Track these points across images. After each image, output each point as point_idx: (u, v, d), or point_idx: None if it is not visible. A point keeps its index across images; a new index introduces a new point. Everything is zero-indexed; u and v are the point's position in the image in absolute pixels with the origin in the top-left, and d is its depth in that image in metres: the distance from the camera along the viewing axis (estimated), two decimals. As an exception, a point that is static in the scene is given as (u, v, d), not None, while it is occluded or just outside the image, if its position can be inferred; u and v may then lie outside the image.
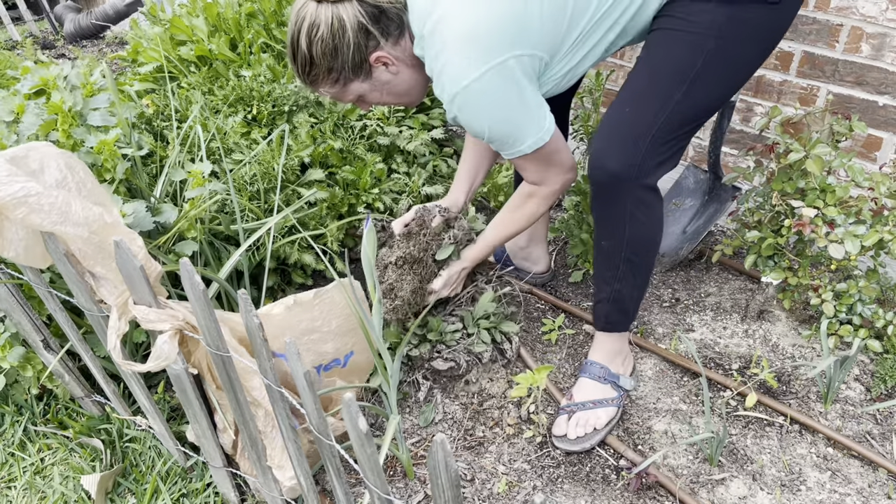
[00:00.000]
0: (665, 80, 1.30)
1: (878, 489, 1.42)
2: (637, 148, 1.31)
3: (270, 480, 1.28)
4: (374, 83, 1.39)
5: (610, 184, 1.35)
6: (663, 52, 1.32)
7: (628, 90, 1.36)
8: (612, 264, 1.47)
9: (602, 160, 1.33)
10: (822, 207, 1.58)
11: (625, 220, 1.39)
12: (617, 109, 1.36)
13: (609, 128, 1.35)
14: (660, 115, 1.30)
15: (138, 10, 4.20)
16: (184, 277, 0.99)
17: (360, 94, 1.41)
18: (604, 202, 1.40)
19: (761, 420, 1.58)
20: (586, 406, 1.56)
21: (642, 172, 1.33)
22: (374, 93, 1.42)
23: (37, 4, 4.82)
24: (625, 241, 1.42)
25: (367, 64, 1.34)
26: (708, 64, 1.27)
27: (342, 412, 0.80)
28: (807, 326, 1.83)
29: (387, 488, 0.87)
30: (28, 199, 1.03)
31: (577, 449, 1.52)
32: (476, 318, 1.69)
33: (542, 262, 2.01)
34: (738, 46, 1.28)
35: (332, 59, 1.32)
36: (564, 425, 1.55)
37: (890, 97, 1.81)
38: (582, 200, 2.02)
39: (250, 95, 2.02)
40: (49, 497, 1.51)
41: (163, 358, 1.12)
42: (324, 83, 1.37)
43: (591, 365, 1.61)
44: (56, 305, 1.37)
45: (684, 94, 1.29)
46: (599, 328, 1.61)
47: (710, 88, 1.32)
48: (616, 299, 1.52)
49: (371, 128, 2.12)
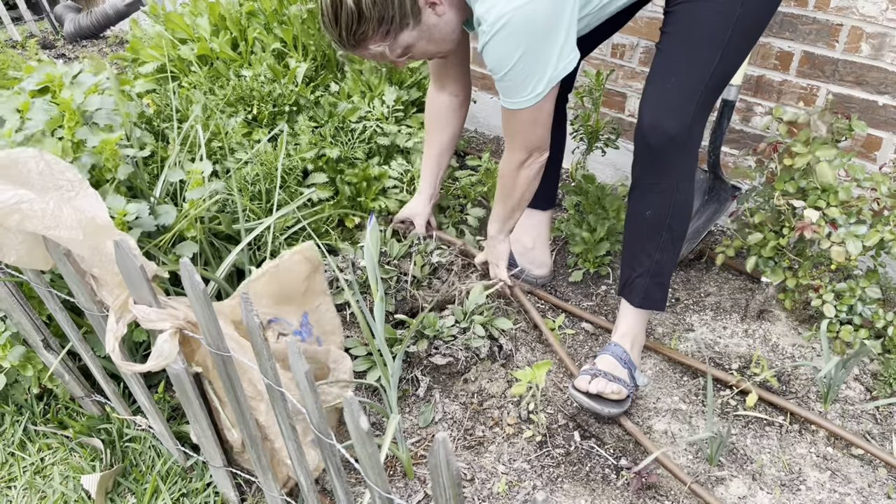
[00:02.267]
0: (703, 49, 1.37)
1: (878, 489, 1.42)
2: (687, 111, 1.38)
3: (270, 480, 1.28)
4: (422, 29, 1.36)
5: (667, 146, 1.40)
6: (697, 23, 1.38)
7: (669, 60, 1.42)
8: (655, 234, 1.51)
9: (659, 124, 1.39)
10: (824, 207, 1.58)
11: (673, 188, 1.46)
12: (661, 78, 1.41)
13: (659, 94, 1.41)
14: (703, 81, 1.38)
15: (139, 10, 4.20)
16: (184, 277, 0.99)
17: (408, 44, 1.38)
18: (656, 169, 1.45)
19: (761, 420, 1.58)
20: (608, 376, 1.54)
21: (692, 135, 1.41)
22: (421, 41, 1.40)
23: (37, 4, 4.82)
24: (670, 209, 1.47)
25: (416, 8, 1.32)
26: (736, 30, 1.36)
27: (344, 412, 0.80)
28: (807, 326, 1.83)
29: (388, 487, 0.87)
30: (21, 206, 1.04)
31: (596, 406, 1.50)
32: (468, 313, 1.70)
33: (544, 265, 2.01)
34: (758, 9, 1.38)
35: (383, 8, 1.28)
36: (587, 382, 1.53)
37: (890, 97, 1.81)
38: (582, 200, 2.03)
39: (251, 95, 2.02)
40: (49, 497, 1.51)
41: (163, 357, 1.12)
42: (373, 39, 1.33)
43: (613, 346, 1.61)
44: (56, 305, 1.37)
45: (721, 59, 1.37)
46: (637, 304, 1.60)
47: (738, 50, 1.41)
48: (656, 272, 1.55)
49: (371, 129, 2.12)
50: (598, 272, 2.04)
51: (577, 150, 2.38)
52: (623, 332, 1.62)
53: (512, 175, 1.59)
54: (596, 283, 2.04)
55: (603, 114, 2.43)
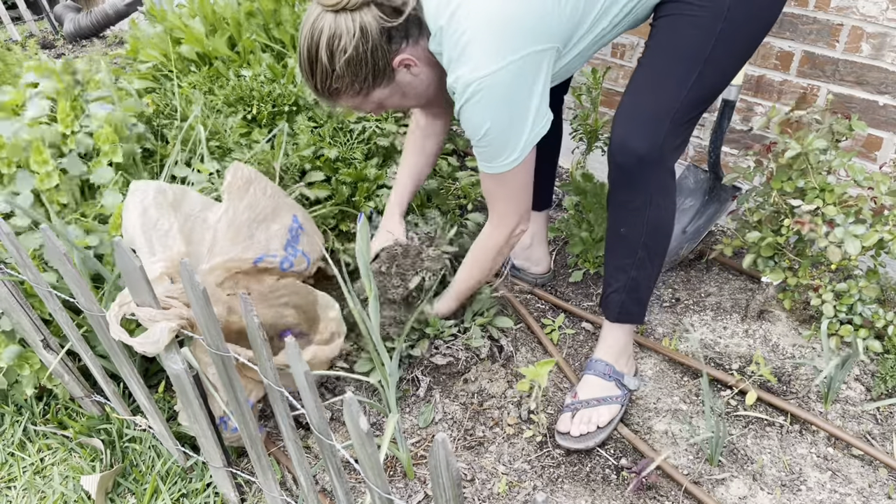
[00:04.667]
0: (680, 64, 1.33)
1: (879, 489, 1.42)
2: (659, 129, 1.34)
3: (270, 480, 1.28)
4: (395, 87, 1.37)
5: (636, 167, 1.37)
6: (675, 37, 1.34)
7: (644, 76, 1.38)
8: (630, 251, 1.48)
9: (627, 143, 1.36)
10: (821, 206, 1.58)
11: (647, 205, 1.41)
12: (634, 95, 1.38)
13: (630, 111, 1.37)
14: (678, 98, 1.33)
15: (138, 10, 4.20)
16: (183, 277, 0.99)
17: (381, 100, 1.39)
18: (627, 187, 1.42)
19: (761, 420, 1.58)
20: (590, 403, 1.55)
21: (664, 154, 1.36)
22: (395, 97, 1.40)
23: (37, 4, 4.82)
24: (644, 227, 1.44)
25: (389, 68, 1.33)
26: (718, 45, 1.31)
27: (344, 412, 0.80)
28: (807, 326, 1.83)
29: (387, 488, 0.87)
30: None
31: (580, 447, 1.51)
32: (473, 314, 1.69)
33: (543, 263, 2.01)
34: (744, 25, 1.32)
35: (356, 69, 1.29)
36: (568, 422, 1.54)
37: (890, 97, 1.81)
38: (582, 200, 2.02)
39: (250, 95, 2.02)
40: (49, 497, 1.51)
41: (151, 342, 1.12)
42: (346, 95, 1.35)
43: (595, 363, 1.60)
44: (56, 305, 1.37)
45: (699, 75, 1.33)
46: (612, 319, 1.58)
47: (721, 67, 1.36)
48: (632, 288, 1.52)
49: (370, 130, 2.12)
50: (598, 272, 2.04)
51: (577, 150, 2.38)
52: (609, 344, 1.61)
53: (494, 250, 1.54)
54: (596, 283, 2.04)
55: (602, 113, 2.43)
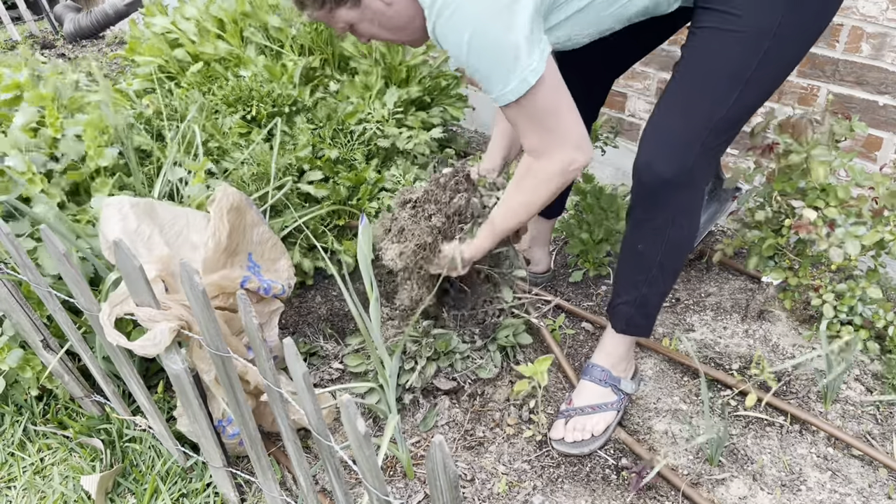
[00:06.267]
0: (719, 84, 1.23)
1: (879, 489, 1.42)
2: (689, 153, 1.26)
3: (270, 480, 1.28)
4: (363, 11, 1.26)
5: (661, 187, 1.29)
6: (715, 53, 1.23)
7: (677, 93, 1.29)
8: (644, 269, 1.42)
9: (653, 166, 1.28)
10: (823, 207, 1.58)
11: (668, 225, 1.34)
12: (665, 114, 1.29)
13: (659, 133, 1.29)
14: (712, 119, 1.24)
15: (138, 10, 4.20)
16: (183, 278, 0.99)
17: (349, 21, 1.28)
18: (650, 207, 1.34)
19: (761, 420, 1.58)
20: (585, 411, 1.54)
21: (693, 177, 1.29)
22: (365, 23, 1.28)
23: (37, 4, 4.82)
24: (663, 247, 1.38)
25: None
26: (763, 64, 1.21)
27: (342, 415, 0.80)
28: (807, 326, 1.83)
29: (385, 489, 0.87)
30: None
31: (576, 452, 1.51)
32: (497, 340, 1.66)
33: (542, 263, 2.01)
34: (793, 42, 1.23)
35: None
36: (561, 429, 1.54)
37: (890, 97, 1.80)
38: (582, 200, 2.02)
39: (249, 96, 2.02)
40: (49, 497, 1.51)
41: (152, 343, 1.12)
42: (310, 4, 1.27)
43: (592, 368, 1.58)
44: (56, 305, 1.37)
45: (739, 95, 1.23)
46: (619, 330, 1.54)
47: (762, 88, 1.27)
48: (642, 304, 1.47)
49: (371, 131, 2.11)
50: (598, 273, 2.04)
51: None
52: (608, 351, 1.58)
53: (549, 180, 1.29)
54: (596, 283, 2.04)
55: (602, 113, 2.43)
